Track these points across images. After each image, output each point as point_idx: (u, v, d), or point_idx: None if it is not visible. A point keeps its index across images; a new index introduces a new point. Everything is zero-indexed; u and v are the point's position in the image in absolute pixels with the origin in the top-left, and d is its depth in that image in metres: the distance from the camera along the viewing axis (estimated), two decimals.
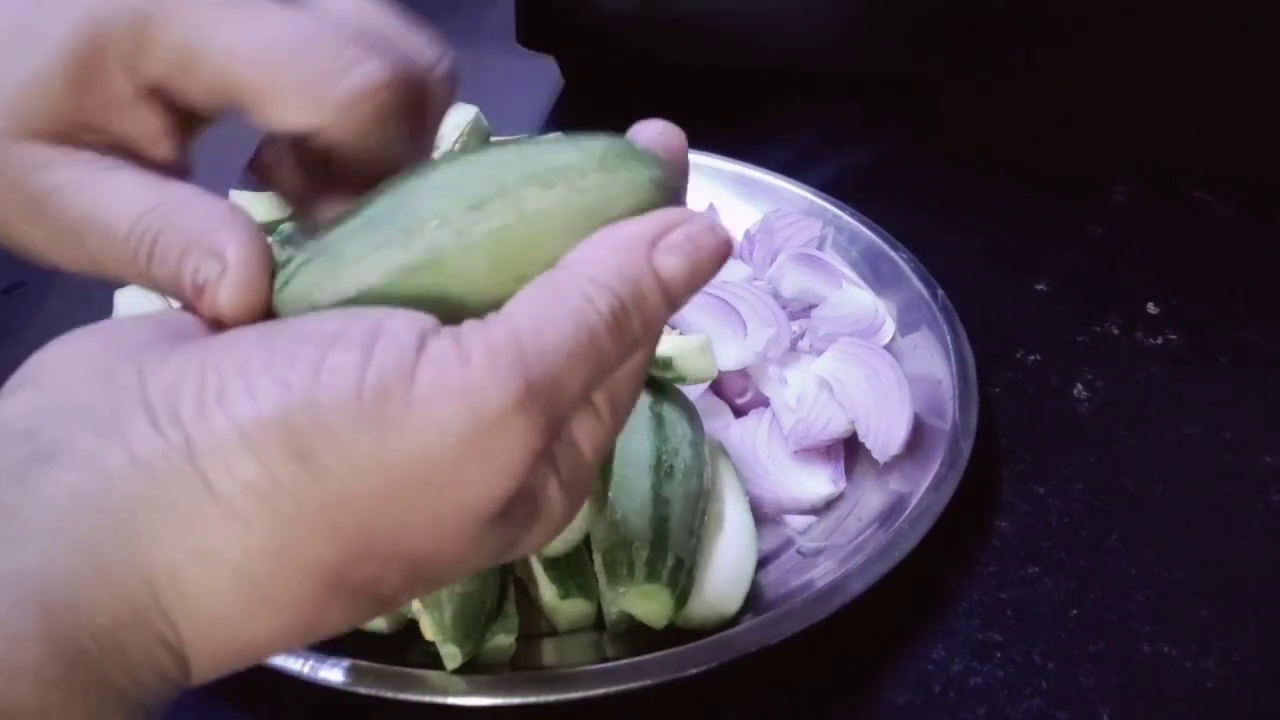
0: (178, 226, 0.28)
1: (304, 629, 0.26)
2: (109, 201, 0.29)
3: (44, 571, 0.22)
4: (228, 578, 0.24)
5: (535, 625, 0.49)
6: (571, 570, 0.49)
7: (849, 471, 0.56)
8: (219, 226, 0.28)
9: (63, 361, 0.26)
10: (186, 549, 0.24)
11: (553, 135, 0.29)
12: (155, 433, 0.24)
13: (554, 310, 0.26)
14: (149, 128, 0.30)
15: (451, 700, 0.44)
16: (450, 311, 0.27)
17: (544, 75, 0.91)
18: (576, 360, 0.26)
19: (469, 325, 0.26)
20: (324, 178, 0.31)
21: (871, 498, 0.54)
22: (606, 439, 0.29)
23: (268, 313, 0.28)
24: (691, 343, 0.54)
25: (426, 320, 0.26)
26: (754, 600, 0.49)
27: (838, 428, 0.56)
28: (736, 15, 0.79)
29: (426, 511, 0.25)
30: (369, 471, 0.24)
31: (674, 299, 0.28)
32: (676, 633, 0.47)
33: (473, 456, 0.25)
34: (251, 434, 0.24)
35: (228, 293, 0.27)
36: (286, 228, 0.61)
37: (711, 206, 0.71)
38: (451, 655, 0.44)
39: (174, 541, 0.24)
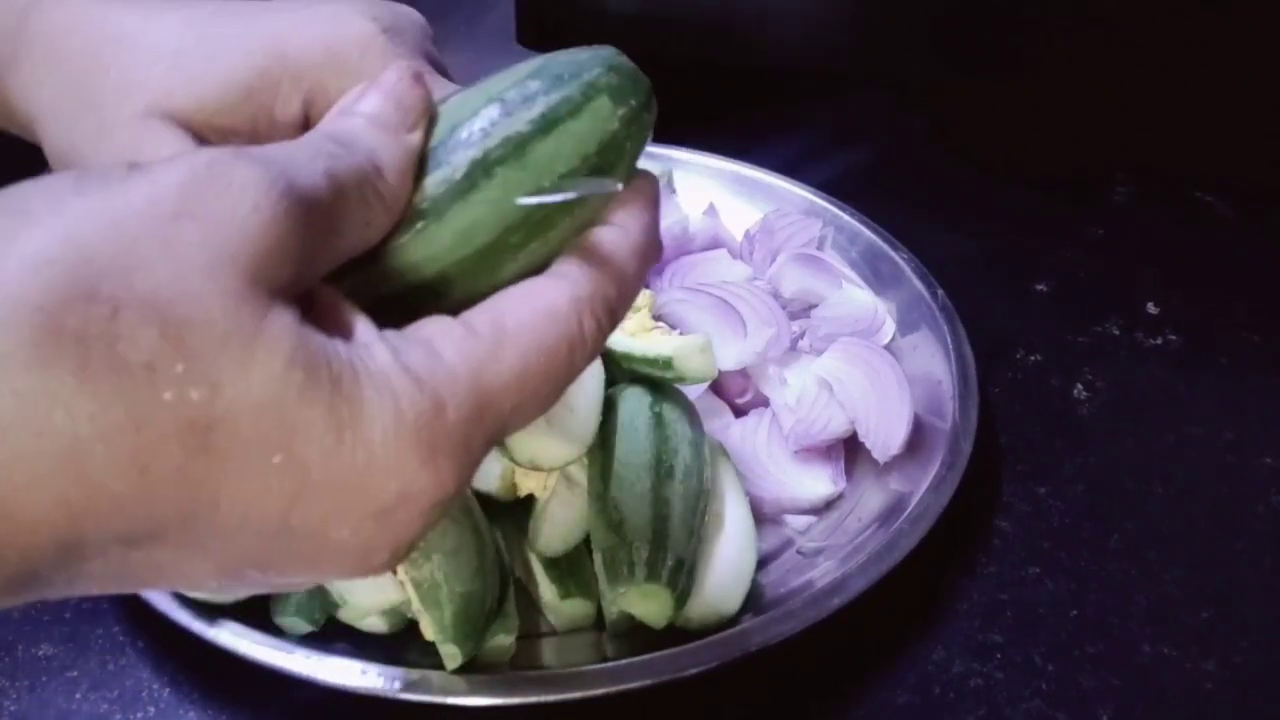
0: None
1: (34, 410, 0.21)
2: None
3: None
4: None
5: (535, 625, 0.49)
6: (571, 570, 0.49)
7: (849, 471, 0.56)
8: None
9: None
10: None
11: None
12: None
13: None
14: None
15: (451, 700, 0.44)
16: None
17: None
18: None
19: None
20: None
21: (871, 498, 0.54)
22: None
23: None
24: (691, 343, 0.53)
25: None
26: (754, 600, 0.49)
27: (838, 428, 0.56)
28: (737, 15, 0.79)
29: (157, 238, 0.22)
30: (72, 201, 0.22)
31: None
32: (676, 633, 0.47)
33: (202, 181, 0.23)
34: None
35: None
36: None
37: (711, 206, 0.71)
38: (451, 655, 0.44)
39: None
